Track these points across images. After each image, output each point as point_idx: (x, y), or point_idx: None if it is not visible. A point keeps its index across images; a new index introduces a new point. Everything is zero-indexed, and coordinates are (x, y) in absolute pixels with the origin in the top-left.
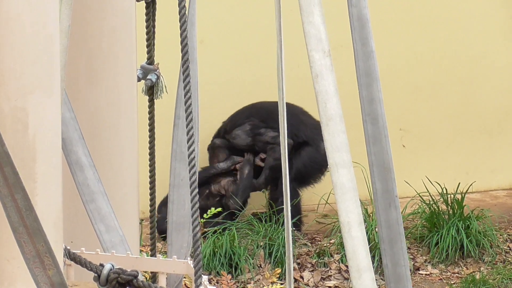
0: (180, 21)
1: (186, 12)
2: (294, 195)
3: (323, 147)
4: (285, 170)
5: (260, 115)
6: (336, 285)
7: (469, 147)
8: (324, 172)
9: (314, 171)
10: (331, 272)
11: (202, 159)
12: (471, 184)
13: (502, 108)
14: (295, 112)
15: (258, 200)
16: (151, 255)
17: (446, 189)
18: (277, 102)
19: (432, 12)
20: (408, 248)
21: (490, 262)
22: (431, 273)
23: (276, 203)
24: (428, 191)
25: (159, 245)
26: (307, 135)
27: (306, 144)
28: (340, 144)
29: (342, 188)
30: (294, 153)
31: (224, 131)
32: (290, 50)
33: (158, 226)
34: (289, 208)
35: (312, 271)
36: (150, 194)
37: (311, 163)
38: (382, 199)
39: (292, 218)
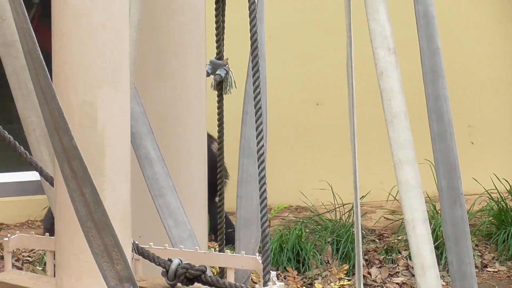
0: (250, 17)
1: (256, 7)
2: None
3: None
4: (354, 167)
5: None
6: (404, 281)
7: None
8: None
9: None
10: (398, 268)
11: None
12: None
13: None
14: None
15: (325, 196)
16: (220, 251)
17: None
18: None
19: (499, 8)
20: (476, 245)
21: None
22: (498, 271)
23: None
24: (496, 188)
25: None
26: None
27: None
28: (404, 141)
29: (407, 185)
30: None
31: None
32: (355, 46)
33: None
34: (359, 205)
35: (379, 267)
36: (219, 190)
37: None
38: (447, 197)
39: None
